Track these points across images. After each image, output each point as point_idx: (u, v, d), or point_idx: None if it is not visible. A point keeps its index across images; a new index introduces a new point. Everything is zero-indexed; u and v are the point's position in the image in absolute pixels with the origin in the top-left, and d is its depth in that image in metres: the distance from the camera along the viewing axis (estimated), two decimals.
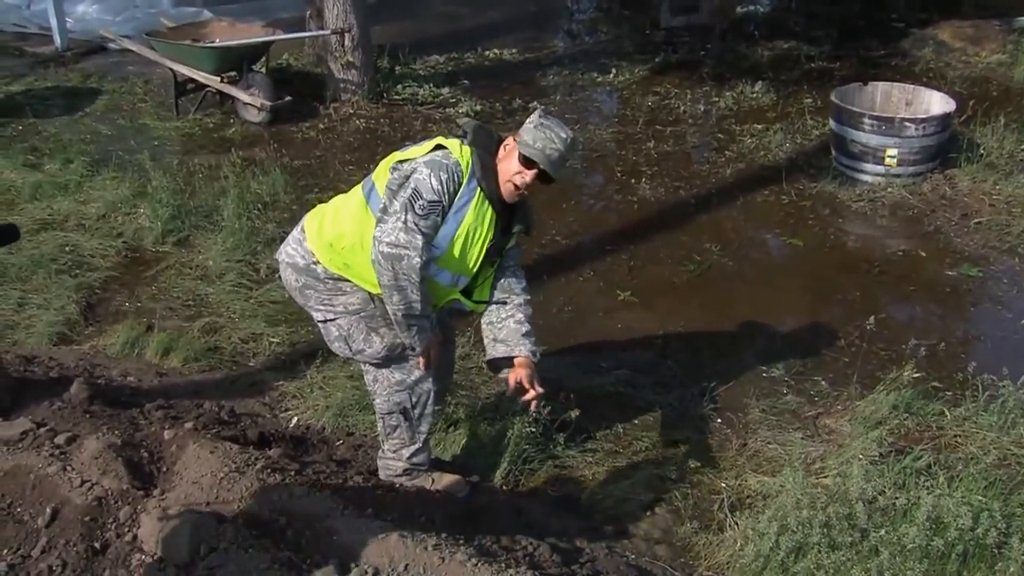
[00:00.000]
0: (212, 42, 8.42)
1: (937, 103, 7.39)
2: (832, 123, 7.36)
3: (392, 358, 3.74)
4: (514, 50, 9.88)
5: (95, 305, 5.64)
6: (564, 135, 3.48)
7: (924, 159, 7.13)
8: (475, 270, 3.63)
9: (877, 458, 4.12)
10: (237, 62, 8.19)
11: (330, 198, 6.73)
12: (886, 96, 7.61)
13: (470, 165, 3.50)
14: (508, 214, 3.66)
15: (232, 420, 4.47)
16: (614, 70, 9.39)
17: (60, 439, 3.54)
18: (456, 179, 3.47)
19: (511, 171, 3.52)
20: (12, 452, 3.42)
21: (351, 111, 8.33)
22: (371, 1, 8.97)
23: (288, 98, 8.18)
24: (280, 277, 3.89)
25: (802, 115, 8.29)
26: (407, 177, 3.47)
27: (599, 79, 9.27)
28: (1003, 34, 10.48)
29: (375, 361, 3.77)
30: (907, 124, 7.00)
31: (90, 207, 6.69)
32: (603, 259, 6.18)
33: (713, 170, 7.39)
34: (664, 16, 11.18)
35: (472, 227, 3.52)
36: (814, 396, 4.88)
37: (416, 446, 3.90)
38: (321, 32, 8.43)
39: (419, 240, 3.39)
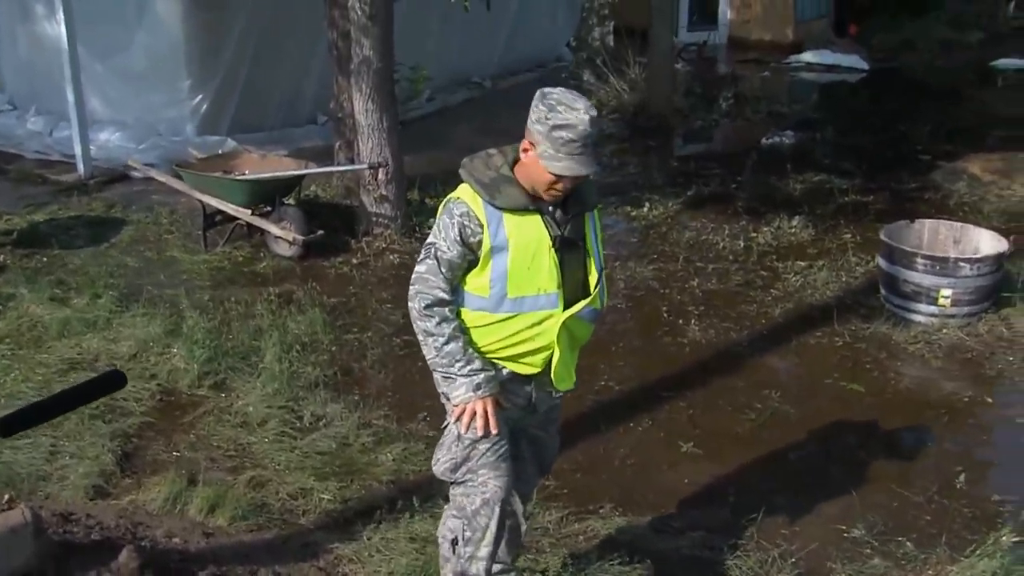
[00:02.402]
0: (243, 174, 8.29)
1: (987, 241, 7.24)
2: (881, 261, 7.19)
3: (457, 479, 3.53)
4: None
5: (131, 454, 5.35)
6: (582, 127, 3.17)
7: (979, 299, 6.95)
8: (557, 278, 3.37)
9: None
10: (270, 195, 8.05)
11: (369, 338, 6.68)
12: (933, 233, 7.46)
13: (475, 195, 3.30)
14: (560, 200, 3.41)
15: None
16: (647, 204, 9.27)
17: None
18: (464, 214, 3.29)
19: (543, 183, 3.29)
20: None
21: (384, 245, 8.16)
22: None
23: (321, 232, 8.02)
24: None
25: (844, 251, 8.13)
26: None
27: (632, 212, 9.14)
28: None
29: (442, 479, 3.59)
30: (961, 264, 6.84)
31: (121, 346, 6.45)
32: (660, 407, 5.93)
33: (761, 310, 7.19)
34: (677, 143, 11.21)
35: (524, 243, 3.32)
36: (901, 560, 4.58)
37: None
38: (356, 166, 8.31)
39: (415, 289, 3.34)
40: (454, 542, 3.53)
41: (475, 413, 3.39)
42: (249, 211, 8.02)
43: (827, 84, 15.60)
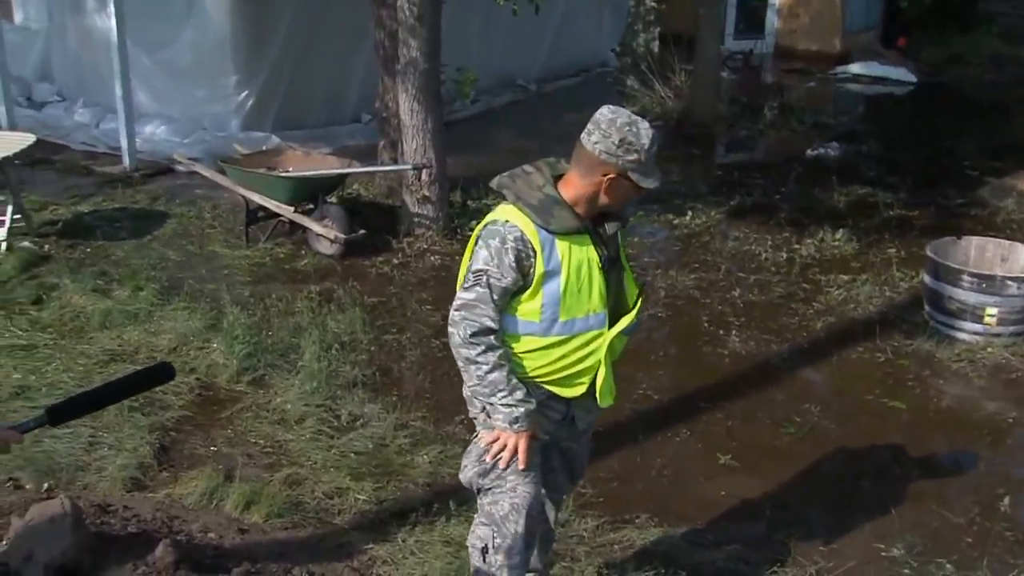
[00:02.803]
0: (287, 171, 8.31)
1: None
2: (927, 278, 7.10)
3: (485, 486, 3.49)
4: None
5: (168, 448, 5.37)
6: (654, 143, 3.26)
7: None
8: (604, 297, 3.36)
9: None
10: (312, 193, 8.07)
11: (408, 339, 6.67)
12: (980, 251, 7.36)
13: (527, 219, 3.25)
14: (598, 218, 3.40)
15: None
16: (689, 212, 9.21)
17: None
18: (517, 239, 3.23)
19: (623, 197, 3.33)
20: None
21: (425, 246, 8.16)
22: None
23: (363, 231, 8.03)
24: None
25: (888, 266, 8.05)
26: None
27: (675, 221, 9.09)
28: None
29: (468, 486, 3.57)
30: (1009, 282, 6.74)
31: (161, 339, 6.48)
32: (698, 418, 5.88)
33: (803, 323, 7.12)
34: (720, 152, 11.17)
35: (576, 266, 3.29)
36: None
37: None
38: (400, 167, 8.30)
39: (460, 315, 3.28)
40: (484, 550, 3.49)
41: (507, 446, 3.37)
42: (292, 208, 8.04)
43: (874, 96, 15.48)
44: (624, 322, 3.42)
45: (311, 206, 8.15)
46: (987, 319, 6.81)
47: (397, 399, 5.87)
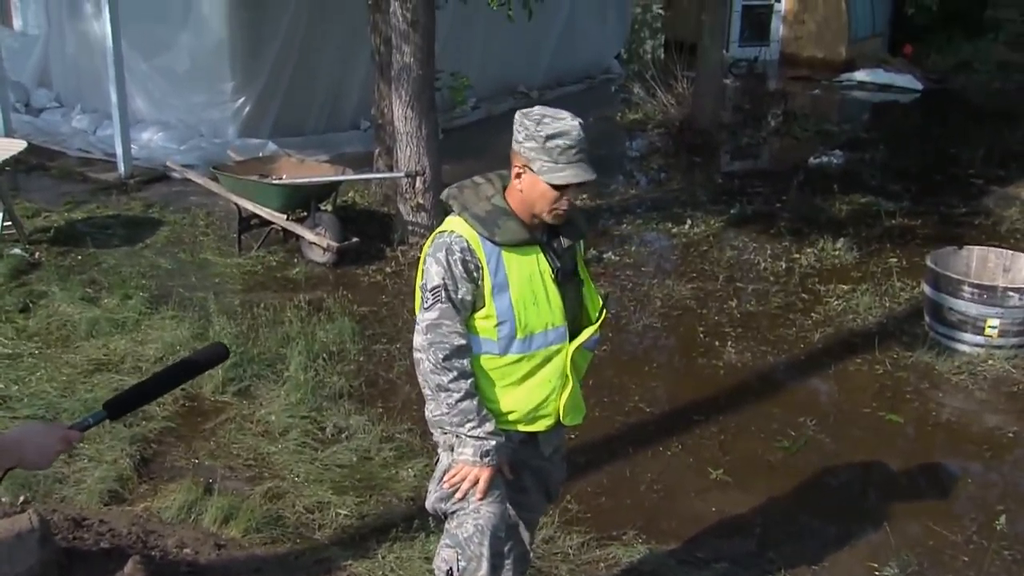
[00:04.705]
0: (280, 178, 8.22)
1: None
2: (927, 288, 6.98)
3: (448, 510, 3.34)
4: (584, 196, 9.59)
5: (150, 460, 5.27)
6: (575, 132, 3.06)
7: None
8: (562, 310, 3.22)
9: None
10: (305, 200, 7.97)
11: (398, 349, 6.57)
12: (982, 261, 7.23)
13: (472, 231, 3.13)
14: (552, 230, 3.26)
15: None
16: (689, 220, 9.10)
17: None
18: (463, 250, 3.11)
19: (547, 202, 3.12)
20: None
21: (419, 255, 7.99)
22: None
23: (355, 240, 7.93)
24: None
25: (889, 276, 7.92)
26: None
27: (674, 230, 8.98)
28: None
29: (433, 513, 3.43)
30: (1011, 294, 6.62)
31: (148, 348, 6.39)
32: (691, 431, 5.76)
33: (800, 334, 7.00)
34: (722, 160, 11.10)
35: (526, 278, 3.16)
36: None
37: None
38: (393, 174, 8.20)
39: (427, 339, 3.14)
40: (448, 573, 3.38)
41: (476, 481, 3.23)
42: (284, 216, 7.95)
43: (879, 104, 15.36)
44: (585, 335, 3.27)
45: (304, 214, 8.06)
46: (988, 331, 6.68)
47: (383, 411, 5.77)
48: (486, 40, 12.76)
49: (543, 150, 3.08)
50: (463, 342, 3.17)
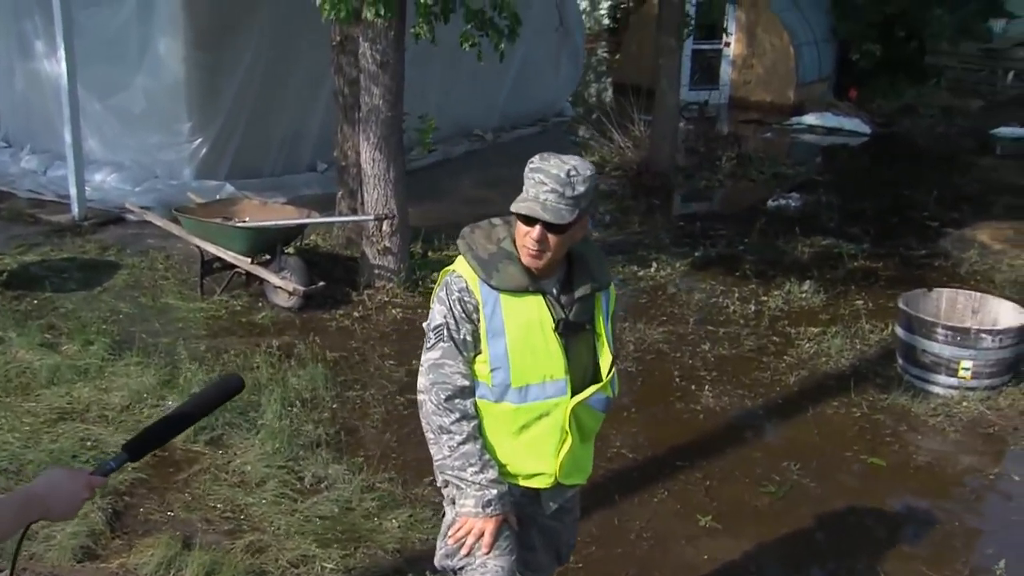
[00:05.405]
0: (243, 221, 8.06)
1: (1007, 313, 7.06)
2: (900, 331, 7.00)
3: (455, 566, 3.24)
4: None
5: (122, 513, 5.08)
6: (556, 171, 2.96)
7: (1000, 372, 6.76)
8: (563, 363, 3.10)
9: None
10: (271, 244, 7.82)
11: (372, 395, 6.43)
12: (951, 303, 7.28)
13: (472, 272, 3.06)
14: (566, 279, 3.16)
15: None
16: (654, 264, 9.08)
17: None
18: (461, 290, 3.05)
19: (520, 236, 3.04)
20: None
21: (386, 299, 7.93)
22: None
23: (322, 283, 7.78)
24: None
25: (857, 318, 7.94)
26: None
27: (640, 272, 8.94)
28: None
29: (441, 568, 3.32)
30: (983, 336, 6.65)
31: (113, 396, 6.18)
32: (675, 477, 5.68)
33: (775, 377, 6.97)
34: (680, 203, 11.17)
35: (523, 325, 3.05)
36: None
37: None
38: (363, 217, 8.06)
39: (429, 379, 3.07)
40: None
41: (480, 534, 3.13)
42: (249, 259, 7.78)
43: (829, 147, 15.55)
44: (588, 392, 3.16)
45: (268, 257, 7.90)
46: (962, 372, 6.71)
47: (363, 459, 5.62)
48: (443, 83, 12.72)
49: (525, 181, 3.03)
50: (466, 383, 3.08)
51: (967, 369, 6.69)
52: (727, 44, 17.84)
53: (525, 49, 14.48)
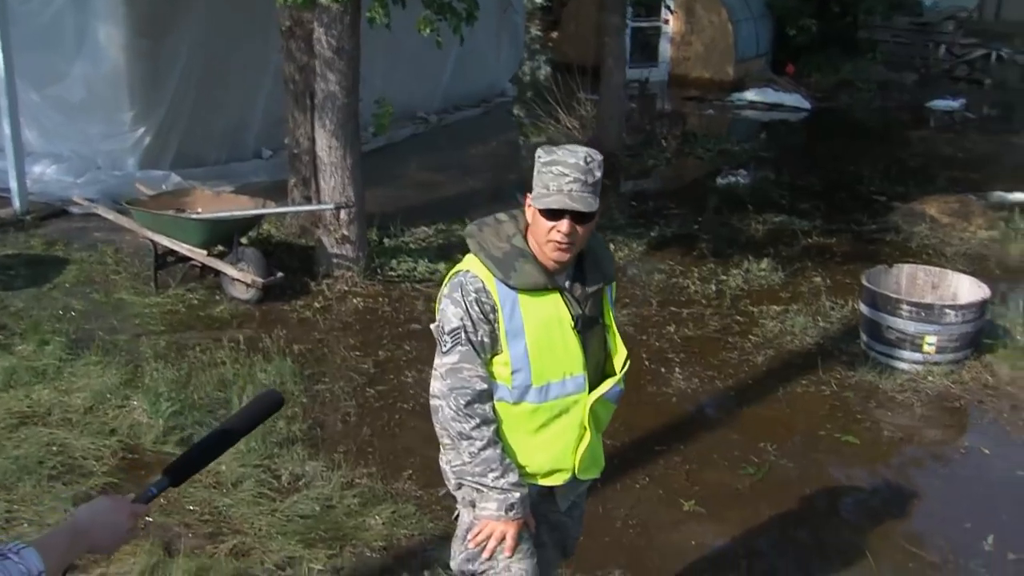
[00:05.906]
0: (196, 212, 7.88)
1: (966, 287, 7.15)
2: (864, 308, 7.05)
3: (477, 571, 3.18)
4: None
5: None
6: (574, 160, 2.93)
7: (962, 346, 6.84)
8: (581, 359, 3.06)
9: None
10: (227, 235, 7.65)
11: (341, 388, 6.33)
12: (911, 279, 7.36)
13: (488, 272, 3.00)
14: (577, 274, 3.11)
15: None
16: (612, 245, 9.03)
17: None
18: (478, 290, 2.98)
19: (543, 233, 2.97)
20: None
21: (346, 288, 7.80)
22: None
23: (280, 275, 7.62)
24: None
25: (817, 295, 8.00)
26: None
27: None
28: (987, 209, 10.47)
29: (458, 572, 3.25)
30: (947, 311, 6.72)
31: (74, 397, 6.00)
32: (655, 462, 5.67)
33: (743, 357, 6.99)
34: (630, 182, 11.22)
35: (542, 324, 3.01)
36: None
37: None
38: (322, 206, 7.89)
39: (447, 384, 2.99)
40: None
41: (502, 537, 3.08)
42: (205, 252, 7.61)
43: (770, 122, 15.63)
44: (605, 386, 3.13)
45: (223, 249, 7.73)
46: (926, 347, 6.78)
47: (340, 455, 5.52)
48: (385, 66, 12.54)
49: (540, 177, 2.97)
50: (485, 386, 3.02)
51: (931, 344, 6.77)
52: (666, 21, 17.83)
53: (466, 30, 14.37)
